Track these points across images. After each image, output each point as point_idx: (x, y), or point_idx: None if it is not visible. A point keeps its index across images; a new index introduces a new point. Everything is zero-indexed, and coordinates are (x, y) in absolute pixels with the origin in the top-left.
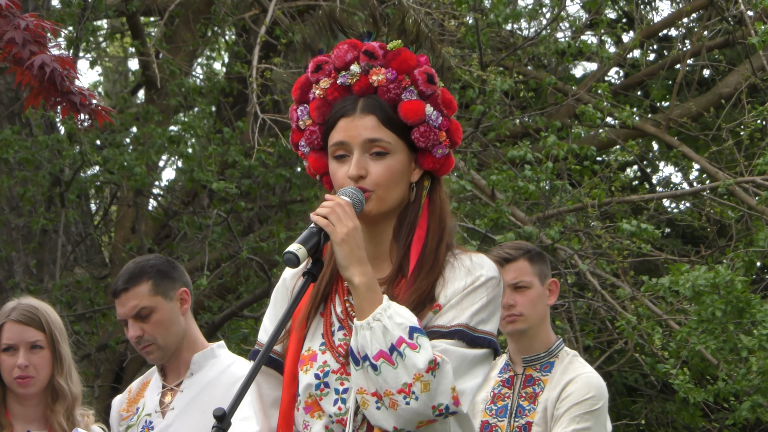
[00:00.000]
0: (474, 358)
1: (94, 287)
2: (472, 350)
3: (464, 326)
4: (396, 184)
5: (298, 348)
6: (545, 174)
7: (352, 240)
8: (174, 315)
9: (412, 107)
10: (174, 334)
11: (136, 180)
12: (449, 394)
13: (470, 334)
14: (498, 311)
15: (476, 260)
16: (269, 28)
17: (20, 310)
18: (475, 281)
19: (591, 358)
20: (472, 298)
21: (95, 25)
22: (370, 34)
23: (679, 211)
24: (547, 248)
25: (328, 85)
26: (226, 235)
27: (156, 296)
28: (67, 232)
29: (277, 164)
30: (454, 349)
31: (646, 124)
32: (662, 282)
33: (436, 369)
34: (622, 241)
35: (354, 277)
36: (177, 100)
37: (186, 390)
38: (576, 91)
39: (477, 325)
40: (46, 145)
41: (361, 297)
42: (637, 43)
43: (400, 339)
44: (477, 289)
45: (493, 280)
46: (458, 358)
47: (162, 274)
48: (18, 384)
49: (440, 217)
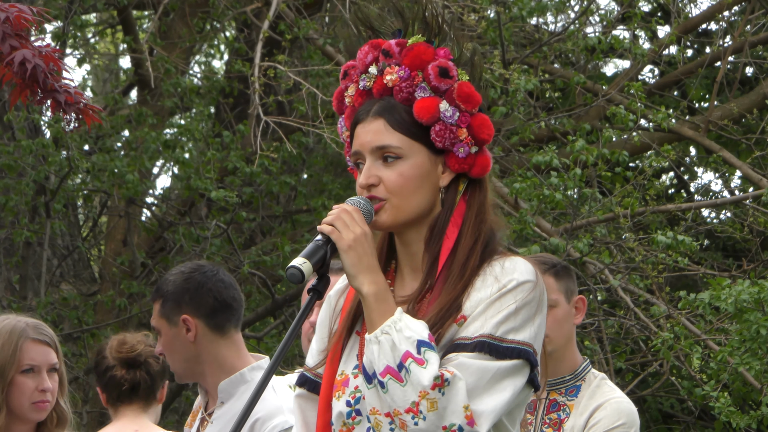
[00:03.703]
0: (498, 371)
1: (82, 305)
2: (495, 362)
3: (488, 336)
4: (415, 190)
5: (332, 371)
6: (573, 181)
7: (359, 247)
8: (177, 341)
9: (423, 105)
10: (179, 360)
11: (128, 188)
12: (462, 414)
13: (495, 344)
14: (537, 318)
15: (508, 265)
16: (273, 22)
17: (37, 329)
18: (502, 288)
19: (623, 382)
20: (498, 305)
21: (83, 20)
22: (401, 31)
23: (719, 221)
24: (575, 262)
25: (353, 91)
26: (226, 247)
27: (161, 319)
28: (52, 244)
29: (281, 171)
30: (471, 362)
31: (683, 126)
32: (701, 298)
33: (444, 386)
34: (656, 255)
35: (362, 286)
36: (172, 101)
37: (216, 421)
38: (607, 91)
39: (505, 334)
40: (30, 150)
41: (371, 308)
42: (673, 39)
43: (406, 354)
44: (504, 296)
45: (526, 285)
46: (477, 372)
47: (172, 297)
48: (36, 408)
49: (476, 224)
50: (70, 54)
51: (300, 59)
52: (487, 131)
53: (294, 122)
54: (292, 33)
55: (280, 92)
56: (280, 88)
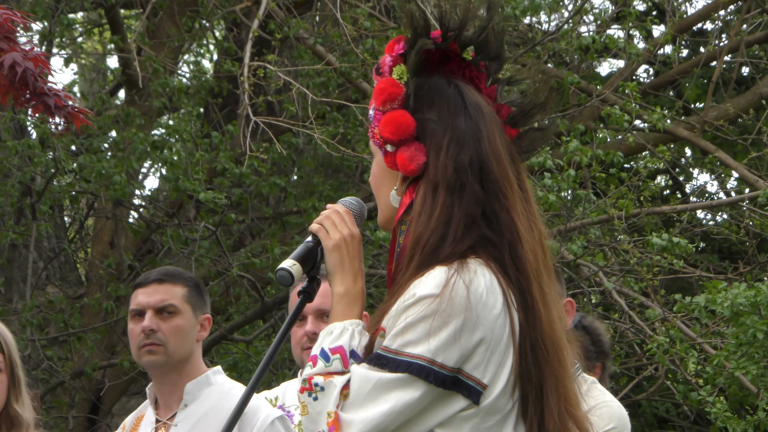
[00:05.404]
0: (380, 382)
1: (68, 308)
2: (378, 373)
3: (383, 348)
4: (378, 188)
5: None
6: (567, 183)
7: (344, 248)
8: (192, 332)
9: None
10: (183, 349)
11: (115, 189)
12: (325, 420)
13: (385, 356)
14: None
15: (421, 278)
16: (263, 21)
17: None
18: (405, 301)
19: (617, 386)
20: (397, 319)
21: (70, 19)
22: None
23: (715, 223)
24: (568, 264)
25: None
26: (215, 250)
27: (186, 304)
28: (38, 247)
29: (271, 172)
30: (357, 371)
31: (678, 127)
32: (697, 301)
33: (313, 390)
34: (651, 257)
35: (335, 287)
36: (161, 101)
37: (180, 424)
38: (601, 91)
39: (402, 347)
40: (16, 150)
41: (334, 309)
42: (668, 38)
43: (313, 357)
44: (405, 310)
45: (425, 299)
46: (359, 381)
47: (198, 291)
48: None
49: (414, 230)
50: (56, 54)
51: (290, 59)
52: (390, 129)
53: (284, 123)
54: (282, 32)
55: (269, 92)
56: (269, 88)
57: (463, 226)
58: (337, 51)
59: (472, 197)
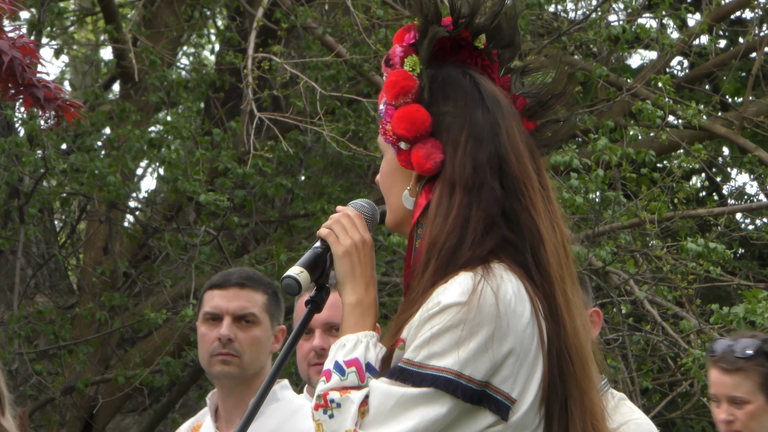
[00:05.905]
0: (403, 398)
1: (59, 319)
2: (401, 388)
3: (405, 361)
4: (389, 188)
5: None
6: (595, 183)
7: (355, 255)
8: (267, 344)
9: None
10: (258, 361)
11: (109, 191)
12: None
13: (408, 369)
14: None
15: (445, 285)
16: (268, 10)
17: None
18: (429, 310)
19: (649, 403)
20: (420, 329)
21: (61, 7)
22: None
23: (754, 227)
24: (597, 272)
25: None
26: (216, 256)
27: (265, 313)
28: (26, 252)
29: (277, 172)
30: (377, 386)
31: (715, 124)
32: (735, 312)
33: (329, 407)
34: (686, 264)
35: (345, 296)
36: (158, 95)
37: None
38: (632, 85)
39: (425, 359)
40: (3, 149)
41: (345, 319)
42: (704, 28)
43: (327, 371)
44: (429, 319)
45: (452, 308)
46: (380, 396)
47: (277, 300)
48: None
49: (430, 232)
50: (46, 44)
51: (297, 50)
52: (405, 126)
53: (290, 119)
54: (289, 21)
55: (275, 86)
56: (275, 82)
57: (482, 227)
58: (347, 41)
59: (491, 197)
